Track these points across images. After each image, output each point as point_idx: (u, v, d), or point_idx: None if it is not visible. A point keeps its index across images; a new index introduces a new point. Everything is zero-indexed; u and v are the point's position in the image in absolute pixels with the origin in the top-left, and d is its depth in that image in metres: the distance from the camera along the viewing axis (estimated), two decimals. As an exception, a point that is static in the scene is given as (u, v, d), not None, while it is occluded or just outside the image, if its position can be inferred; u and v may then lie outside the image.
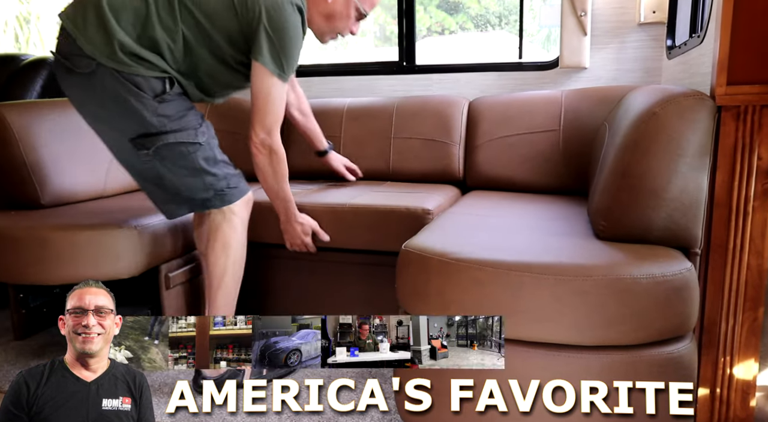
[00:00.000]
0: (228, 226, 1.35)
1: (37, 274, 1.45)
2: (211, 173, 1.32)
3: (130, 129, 1.27)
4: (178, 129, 1.27)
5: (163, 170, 1.29)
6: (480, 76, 2.20)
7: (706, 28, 1.29)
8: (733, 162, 1.08)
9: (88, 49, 1.23)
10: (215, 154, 1.34)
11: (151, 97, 1.24)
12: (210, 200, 1.34)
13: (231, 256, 1.36)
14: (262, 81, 1.31)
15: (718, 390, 1.13)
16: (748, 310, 1.11)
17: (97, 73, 1.24)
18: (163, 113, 1.26)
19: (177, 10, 1.26)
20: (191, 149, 1.29)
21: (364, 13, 1.45)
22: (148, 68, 1.25)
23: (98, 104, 1.27)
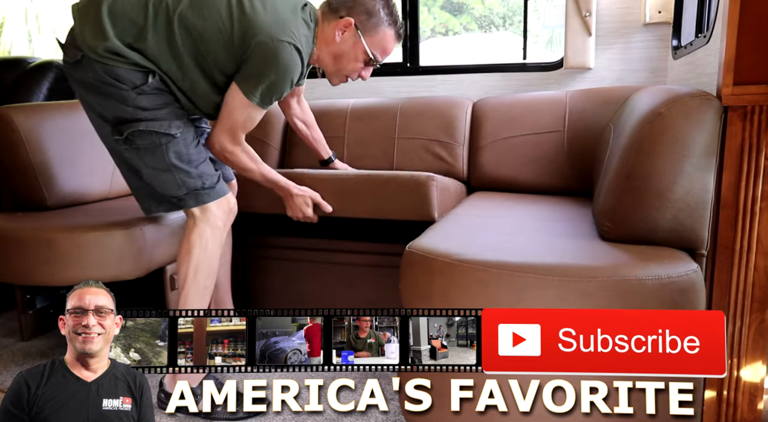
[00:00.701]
0: (195, 231, 1.32)
1: (43, 275, 1.45)
2: (183, 170, 1.30)
3: (109, 115, 1.29)
4: (151, 118, 1.27)
5: (138, 161, 1.30)
6: (484, 77, 2.20)
7: (713, 28, 1.28)
8: (740, 163, 1.08)
9: (79, 40, 1.28)
10: (189, 151, 1.32)
11: (130, 89, 1.26)
12: (184, 199, 1.32)
13: (192, 264, 1.31)
14: (234, 99, 1.30)
15: (725, 392, 1.12)
16: (755, 312, 1.11)
17: (83, 63, 1.28)
18: (140, 104, 1.27)
19: (176, 29, 1.26)
20: (163, 140, 1.28)
21: (374, 60, 1.39)
22: (130, 65, 1.27)
23: (84, 92, 1.31)
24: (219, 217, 1.34)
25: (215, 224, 1.34)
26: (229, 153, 1.37)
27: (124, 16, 1.27)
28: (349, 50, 1.37)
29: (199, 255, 1.31)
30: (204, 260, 1.32)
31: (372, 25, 1.36)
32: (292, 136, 2.19)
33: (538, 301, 0.96)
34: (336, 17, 1.35)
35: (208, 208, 1.33)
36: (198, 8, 1.27)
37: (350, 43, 1.36)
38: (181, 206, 1.33)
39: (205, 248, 1.32)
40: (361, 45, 1.36)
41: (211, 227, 1.33)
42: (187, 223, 1.35)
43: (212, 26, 1.26)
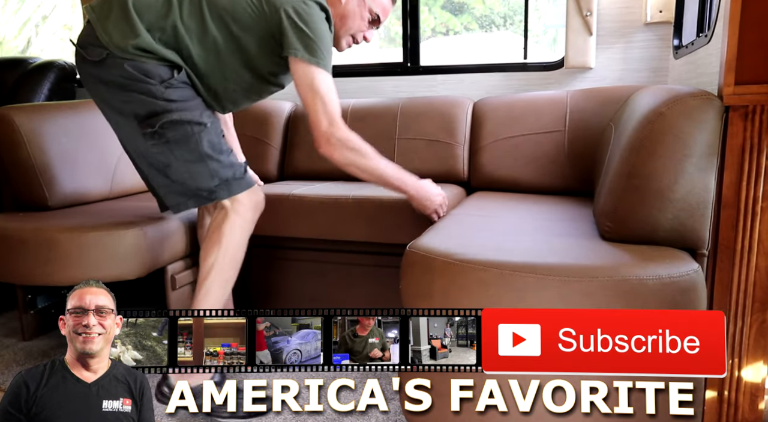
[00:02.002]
0: (227, 223, 1.31)
1: (44, 275, 1.46)
2: (215, 160, 1.29)
3: (137, 112, 1.28)
4: (182, 109, 1.27)
5: (168, 155, 1.28)
6: (485, 77, 2.20)
7: (714, 28, 1.28)
8: (741, 162, 1.07)
9: (104, 39, 1.26)
10: (220, 141, 1.32)
11: (158, 83, 1.26)
12: (215, 191, 1.30)
13: (221, 254, 1.31)
14: (305, 74, 1.29)
15: (726, 392, 1.12)
16: (757, 312, 1.10)
17: (107, 61, 1.27)
18: (169, 97, 1.27)
19: (207, 16, 1.28)
20: (195, 129, 1.28)
21: (377, 17, 1.44)
22: (159, 60, 1.27)
23: (107, 90, 1.30)
24: (249, 208, 1.33)
25: (245, 216, 1.33)
26: (346, 140, 1.31)
27: (150, 8, 1.27)
28: (355, 9, 1.40)
29: (227, 246, 1.31)
30: (232, 251, 1.32)
31: None
32: (293, 136, 2.19)
33: (538, 301, 0.96)
34: None
35: (238, 199, 1.31)
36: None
37: (354, 2, 1.40)
38: (213, 199, 1.31)
39: (234, 239, 1.31)
40: (365, 3, 1.41)
41: (241, 218, 1.32)
42: (217, 215, 1.33)
43: (240, 4, 1.28)
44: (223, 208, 1.32)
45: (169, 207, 1.38)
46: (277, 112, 2.22)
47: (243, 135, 1.43)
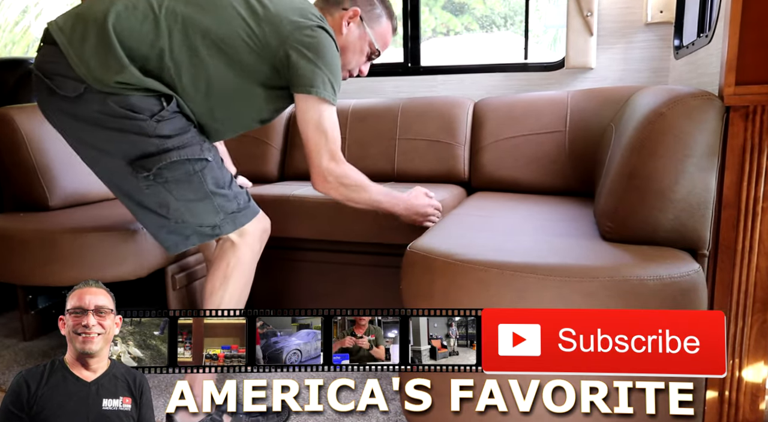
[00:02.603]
0: (234, 257, 1.20)
1: (45, 275, 1.46)
2: (220, 195, 1.17)
3: (126, 153, 1.12)
4: (181, 146, 1.12)
5: (166, 196, 1.14)
6: (485, 77, 2.20)
7: (714, 28, 1.28)
8: (742, 162, 1.07)
9: (81, 71, 1.09)
10: (223, 174, 1.19)
11: (148, 118, 1.10)
12: (220, 226, 1.18)
13: (230, 289, 1.20)
14: (313, 111, 1.18)
15: (726, 392, 1.12)
16: (757, 312, 1.10)
17: (85, 97, 1.10)
18: (162, 132, 1.11)
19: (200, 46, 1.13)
20: (197, 166, 1.14)
21: (377, 51, 1.35)
22: (145, 91, 1.11)
23: (85, 130, 1.13)
24: (256, 238, 1.23)
25: (253, 246, 1.23)
26: (344, 177, 1.23)
27: (133, 34, 1.10)
28: (355, 42, 1.31)
29: (238, 281, 1.21)
30: (240, 287, 1.22)
31: (376, 16, 1.32)
32: (293, 137, 2.19)
33: (539, 301, 0.96)
34: (339, 9, 1.29)
35: (244, 230, 1.20)
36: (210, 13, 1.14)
37: (356, 34, 1.30)
38: (216, 234, 1.19)
39: (243, 274, 1.22)
40: (366, 36, 1.31)
41: (250, 250, 1.22)
42: (222, 247, 1.21)
43: (231, 29, 1.14)
44: (228, 240, 1.21)
45: (164, 247, 1.22)
46: (277, 112, 2.22)
47: (243, 136, 1.42)
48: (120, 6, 1.11)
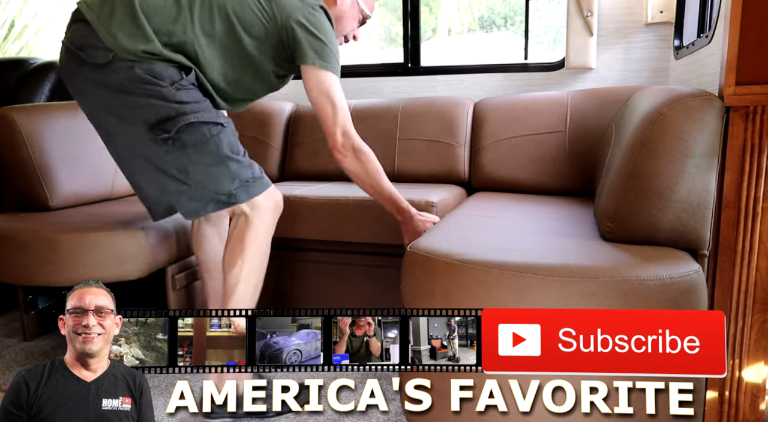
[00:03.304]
0: (250, 231, 1.27)
1: (45, 276, 1.46)
2: (235, 160, 1.25)
3: (147, 118, 1.22)
4: (197, 110, 1.23)
5: (185, 160, 1.23)
6: (485, 78, 2.20)
7: (715, 28, 1.28)
8: (742, 163, 1.07)
9: (110, 41, 1.20)
10: (237, 141, 1.29)
11: (168, 85, 1.22)
12: (235, 194, 1.25)
13: (247, 263, 1.27)
14: (320, 82, 1.30)
15: (726, 393, 1.12)
16: (758, 312, 1.10)
17: (113, 65, 1.21)
18: (181, 99, 1.22)
19: (217, 21, 1.25)
20: (213, 130, 1.24)
21: (367, 15, 1.47)
22: (167, 63, 1.23)
23: (110, 95, 1.23)
24: (269, 211, 1.30)
25: (267, 220, 1.29)
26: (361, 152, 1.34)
27: (158, 11, 1.22)
28: (348, 11, 1.43)
29: (254, 255, 1.27)
30: (258, 258, 1.28)
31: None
32: (293, 137, 2.19)
33: (539, 301, 0.96)
34: None
35: (258, 203, 1.27)
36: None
37: (348, 3, 1.42)
38: (232, 202, 1.26)
39: (259, 247, 1.28)
40: (357, 4, 1.43)
41: (263, 223, 1.28)
42: (237, 222, 1.28)
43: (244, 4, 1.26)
44: (242, 214, 1.27)
45: (183, 213, 1.30)
46: (277, 112, 2.22)
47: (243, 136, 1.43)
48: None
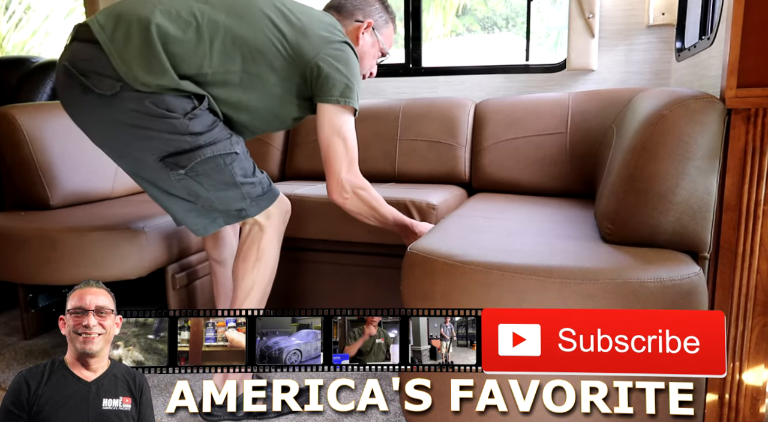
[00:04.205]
0: (264, 239, 1.27)
1: (46, 274, 1.46)
2: (248, 184, 1.23)
3: (158, 150, 1.16)
4: (212, 142, 1.17)
5: (197, 187, 1.20)
6: (486, 79, 2.20)
7: (716, 30, 1.28)
8: (743, 165, 1.07)
9: (122, 70, 1.11)
10: (250, 163, 1.26)
11: (181, 116, 1.14)
12: (245, 210, 1.24)
13: (261, 270, 1.27)
14: (335, 119, 1.24)
15: (727, 395, 1.12)
16: (758, 315, 1.10)
17: (120, 96, 1.12)
18: (194, 130, 1.16)
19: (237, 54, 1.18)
20: (228, 160, 1.20)
21: (386, 52, 1.44)
22: (180, 92, 1.15)
23: (118, 127, 1.16)
24: (280, 218, 1.30)
25: (279, 227, 1.30)
26: (361, 189, 1.29)
27: (176, 41, 1.13)
28: (369, 50, 1.41)
29: (267, 263, 1.27)
30: (271, 267, 1.29)
31: (383, 23, 1.43)
32: (294, 137, 2.20)
33: (539, 303, 0.95)
34: (352, 21, 1.39)
35: (269, 212, 1.27)
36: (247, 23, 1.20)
37: (369, 42, 1.40)
38: (243, 217, 1.25)
39: (271, 254, 1.28)
40: (377, 43, 1.42)
41: (275, 230, 1.28)
42: (250, 231, 1.27)
43: (266, 39, 1.20)
44: (255, 223, 1.27)
45: (193, 231, 1.27)
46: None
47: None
48: (164, 11, 1.15)
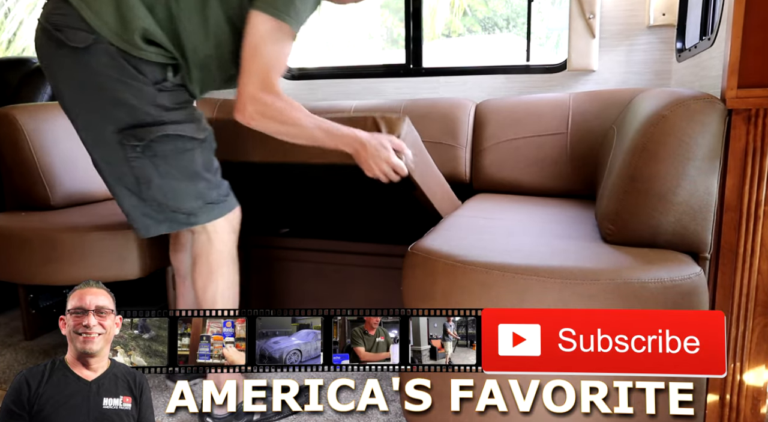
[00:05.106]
0: (214, 253, 1.19)
1: (46, 274, 1.46)
2: (205, 179, 1.15)
3: (120, 118, 1.09)
4: (177, 121, 1.10)
5: (151, 171, 1.11)
6: (487, 79, 2.20)
7: (717, 30, 1.28)
8: (744, 165, 1.07)
9: (96, 23, 1.06)
10: (212, 158, 1.18)
11: (150, 84, 1.08)
12: (196, 215, 1.16)
13: (220, 283, 1.20)
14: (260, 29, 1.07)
15: (727, 396, 1.12)
16: (759, 315, 1.10)
17: (93, 50, 1.07)
18: (162, 102, 1.09)
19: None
20: (189, 145, 1.11)
21: None
22: (158, 54, 1.09)
23: (86, 85, 1.10)
24: (229, 231, 1.21)
25: (229, 239, 1.21)
26: (266, 106, 1.09)
27: None
28: None
29: (225, 276, 1.20)
30: (230, 277, 1.21)
31: None
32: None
33: (540, 303, 0.96)
34: None
35: (217, 226, 1.18)
36: None
37: None
38: (191, 223, 1.16)
39: (228, 266, 1.21)
40: None
41: (225, 244, 1.20)
42: (197, 241, 1.20)
43: None
44: (203, 233, 1.18)
45: (136, 229, 1.19)
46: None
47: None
48: None
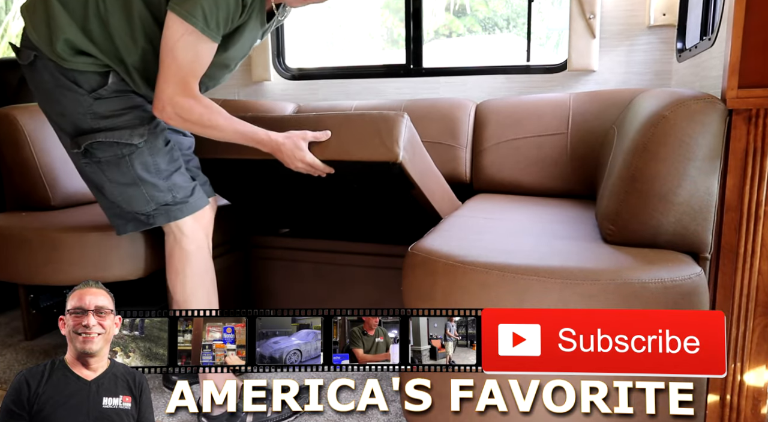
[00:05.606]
0: (179, 249, 1.22)
1: (47, 275, 1.46)
2: (150, 183, 1.19)
3: (65, 128, 1.19)
4: (111, 128, 1.15)
5: (101, 176, 1.20)
6: (488, 79, 2.20)
7: (717, 31, 1.28)
8: (744, 166, 1.07)
9: (33, 38, 1.15)
10: (157, 160, 1.20)
11: (86, 93, 1.15)
12: (153, 216, 1.21)
13: (188, 285, 1.22)
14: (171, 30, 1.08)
15: (728, 396, 1.11)
16: (759, 316, 1.10)
17: (36, 65, 1.16)
18: (97, 110, 1.15)
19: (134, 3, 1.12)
20: (125, 151, 1.16)
21: None
22: (88, 64, 1.15)
23: (41, 99, 1.20)
24: (196, 232, 1.23)
25: (197, 242, 1.24)
26: (183, 110, 1.11)
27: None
28: None
29: (193, 277, 1.23)
30: (199, 277, 1.23)
31: None
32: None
33: (540, 303, 0.95)
34: None
35: (182, 227, 1.22)
36: None
37: None
38: (151, 224, 1.23)
39: (196, 267, 1.23)
40: None
41: (193, 245, 1.23)
42: (167, 240, 1.24)
43: None
44: (171, 233, 1.23)
45: (113, 227, 1.30)
46: (279, 113, 2.23)
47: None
48: None
